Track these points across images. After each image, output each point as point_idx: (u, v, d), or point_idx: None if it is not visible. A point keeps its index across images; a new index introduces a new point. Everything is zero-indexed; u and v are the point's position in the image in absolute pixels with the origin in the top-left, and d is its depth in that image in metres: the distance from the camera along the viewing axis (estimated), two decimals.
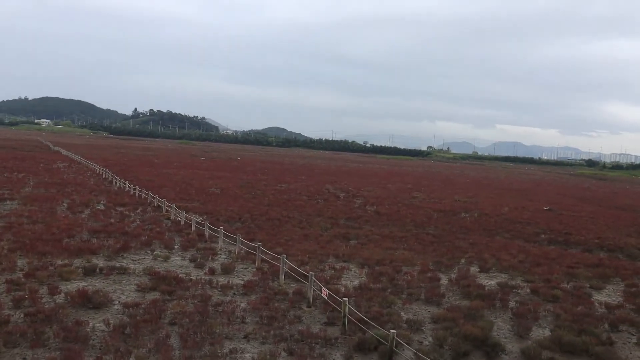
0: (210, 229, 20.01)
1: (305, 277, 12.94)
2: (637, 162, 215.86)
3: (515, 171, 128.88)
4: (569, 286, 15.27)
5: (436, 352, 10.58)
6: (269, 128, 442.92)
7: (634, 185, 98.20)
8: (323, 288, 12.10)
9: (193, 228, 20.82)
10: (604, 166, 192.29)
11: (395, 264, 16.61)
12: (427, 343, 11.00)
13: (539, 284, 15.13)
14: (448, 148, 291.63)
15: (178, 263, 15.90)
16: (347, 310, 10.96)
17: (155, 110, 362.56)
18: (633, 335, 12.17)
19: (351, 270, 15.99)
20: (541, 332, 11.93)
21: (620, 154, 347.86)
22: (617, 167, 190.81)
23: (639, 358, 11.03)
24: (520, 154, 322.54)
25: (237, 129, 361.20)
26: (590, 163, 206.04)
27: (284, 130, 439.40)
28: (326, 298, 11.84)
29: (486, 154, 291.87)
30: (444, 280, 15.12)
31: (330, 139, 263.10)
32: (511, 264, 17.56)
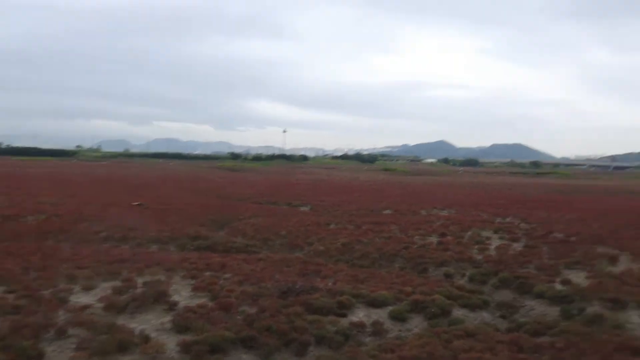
0: None
1: None
2: (277, 154, 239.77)
3: (157, 167, 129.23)
4: (48, 292, 13.73)
5: None
6: None
7: (257, 174, 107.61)
8: None
9: None
10: (245, 158, 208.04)
11: None
12: None
13: None
14: (99, 147, 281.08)
15: None
16: None
17: None
18: (78, 338, 11.11)
19: None
20: None
21: (265, 147, 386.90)
22: (257, 158, 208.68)
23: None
24: (177, 149, 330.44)
25: None
26: (234, 156, 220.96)
27: None
28: None
29: (141, 151, 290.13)
30: None
31: None
32: None
